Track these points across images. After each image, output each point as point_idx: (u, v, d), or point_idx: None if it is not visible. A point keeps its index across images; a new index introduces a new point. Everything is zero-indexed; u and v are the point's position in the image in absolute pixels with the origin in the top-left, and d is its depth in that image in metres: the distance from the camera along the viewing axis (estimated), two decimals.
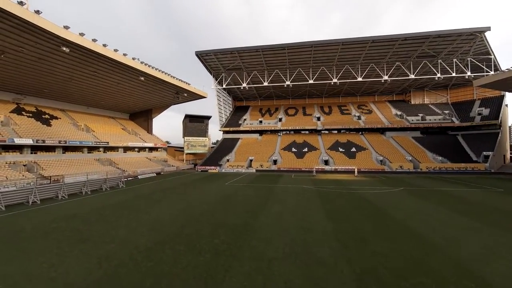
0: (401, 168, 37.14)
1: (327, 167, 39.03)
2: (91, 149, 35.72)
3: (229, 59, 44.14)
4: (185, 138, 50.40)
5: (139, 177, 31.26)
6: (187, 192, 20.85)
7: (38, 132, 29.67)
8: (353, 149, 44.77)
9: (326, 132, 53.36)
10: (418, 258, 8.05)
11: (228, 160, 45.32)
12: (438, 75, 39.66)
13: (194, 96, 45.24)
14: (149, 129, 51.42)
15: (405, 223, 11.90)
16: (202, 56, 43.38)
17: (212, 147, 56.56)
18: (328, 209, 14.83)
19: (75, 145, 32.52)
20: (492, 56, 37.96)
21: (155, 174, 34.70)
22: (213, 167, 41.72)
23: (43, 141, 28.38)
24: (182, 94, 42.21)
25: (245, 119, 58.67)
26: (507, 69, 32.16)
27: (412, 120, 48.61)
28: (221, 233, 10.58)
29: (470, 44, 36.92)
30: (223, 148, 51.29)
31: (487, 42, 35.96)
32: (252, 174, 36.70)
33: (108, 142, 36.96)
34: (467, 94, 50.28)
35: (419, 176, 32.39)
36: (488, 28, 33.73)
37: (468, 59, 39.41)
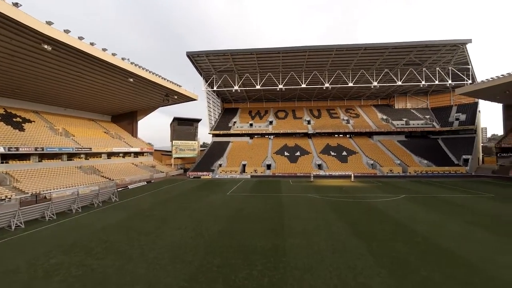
0: (392, 172, 38.49)
1: (321, 172, 39.27)
2: (71, 156, 32.44)
3: (221, 61, 42.79)
4: (173, 141, 48.02)
5: (129, 187, 28.90)
6: (191, 206, 19.43)
7: (10, 138, 26.16)
8: (344, 153, 45.65)
9: (316, 135, 53.88)
10: (474, 286, 7.80)
11: (220, 165, 43.89)
12: (423, 82, 41.78)
13: (185, 99, 43.22)
14: (133, 132, 48.26)
15: (434, 240, 11.74)
16: (193, 57, 41.56)
17: (201, 151, 54.58)
18: (349, 224, 14.46)
19: (53, 152, 29.25)
20: (470, 67, 40.76)
21: (146, 183, 32.39)
22: (205, 173, 40.08)
23: (17, 148, 25.07)
24: (172, 97, 40.03)
25: (235, 122, 57.47)
26: (484, 80, 34.66)
27: (397, 124, 50.81)
28: (255, 261, 9.65)
29: (452, 54, 39.30)
30: (214, 152, 49.69)
31: (467, 53, 38.50)
32: (249, 180, 35.76)
33: (91, 148, 33.88)
34: (444, 100, 53.70)
35: (410, 181, 33.66)
36: (470, 40, 36.07)
37: (449, 68, 42.00)
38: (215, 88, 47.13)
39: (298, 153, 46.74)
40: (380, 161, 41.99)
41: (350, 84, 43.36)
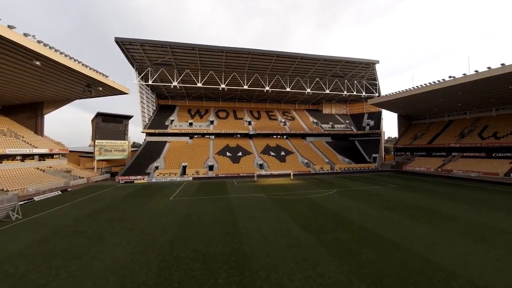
0: (322, 170, 43.70)
1: (263, 171, 40.92)
2: None
3: (159, 53, 39.11)
4: (96, 141, 40.76)
5: (36, 199, 22.75)
6: (130, 217, 16.91)
7: None
8: (283, 153, 49.01)
9: (257, 136, 55.67)
10: (400, 260, 9.65)
11: (157, 168, 39.95)
12: (345, 92, 49.14)
13: (112, 91, 37.20)
14: (38, 129, 38.48)
15: (365, 226, 13.98)
16: (124, 44, 36.45)
17: (133, 151, 48.29)
18: (296, 219, 15.55)
19: None
20: (377, 82, 50.48)
21: (60, 192, 26.20)
22: (139, 177, 35.64)
23: None
24: (96, 88, 33.88)
25: (172, 120, 53.49)
26: (387, 94, 43.48)
27: (325, 128, 58.05)
28: (218, 269, 9.21)
29: (366, 71, 47.75)
30: (149, 153, 44.84)
31: (376, 71, 47.57)
32: (191, 183, 33.84)
33: None
34: (359, 108, 64.69)
35: (337, 176, 39.06)
36: (378, 61, 44.63)
37: (364, 82, 50.85)
38: (150, 82, 42.67)
39: (240, 154, 47.31)
40: (313, 160, 47.05)
41: (288, 89, 46.87)
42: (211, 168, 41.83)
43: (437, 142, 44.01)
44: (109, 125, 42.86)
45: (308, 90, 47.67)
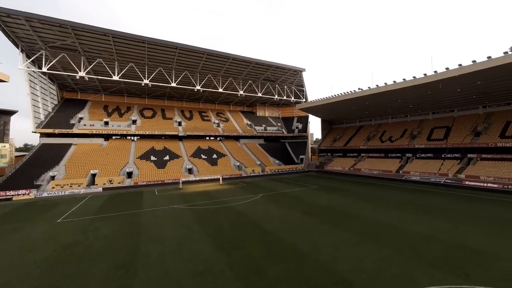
0: (254, 172, 44.01)
1: (191, 177, 38.10)
2: None
3: (57, 34, 31.42)
4: None
5: None
6: None
7: None
8: (215, 156, 47.18)
9: (187, 138, 51.99)
10: (305, 275, 9.37)
11: (53, 178, 31.88)
12: (276, 96, 51.10)
13: None
14: None
15: (280, 237, 13.62)
16: (1, 16, 27.45)
17: (19, 157, 37.41)
18: (212, 235, 14.15)
19: None
20: (304, 89, 54.51)
21: None
22: (23, 191, 27.43)
23: None
24: None
25: (81, 118, 44.38)
26: (312, 100, 47.28)
27: (258, 130, 59.22)
28: None
29: (294, 77, 50.80)
30: (43, 159, 35.55)
31: (303, 79, 51.21)
32: (99, 195, 28.14)
33: None
34: (290, 112, 68.83)
35: (267, 179, 39.87)
36: (304, 69, 48.00)
37: (293, 88, 54.07)
38: (45, 69, 33.78)
39: (167, 157, 43.01)
40: (245, 162, 46.97)
41: (220, 90, 45.28)
42: (129, 175, 36.28)
43: (351, 144, 50.62)
44: None
45: (241, 92, 47.26)
